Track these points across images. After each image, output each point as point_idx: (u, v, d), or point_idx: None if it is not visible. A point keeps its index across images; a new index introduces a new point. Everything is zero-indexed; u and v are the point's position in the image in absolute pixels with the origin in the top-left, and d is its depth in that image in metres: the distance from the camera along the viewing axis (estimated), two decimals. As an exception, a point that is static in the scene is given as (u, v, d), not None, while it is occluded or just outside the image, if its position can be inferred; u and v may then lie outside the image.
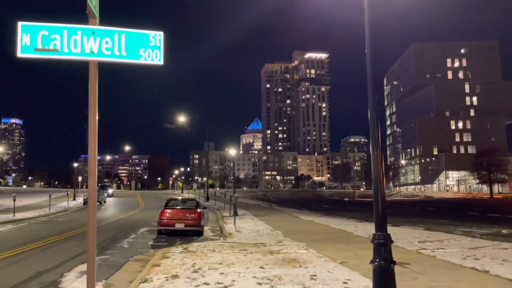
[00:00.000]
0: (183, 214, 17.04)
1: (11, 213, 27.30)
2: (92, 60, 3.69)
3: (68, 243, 14.87)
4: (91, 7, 3.61)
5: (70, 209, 35.97)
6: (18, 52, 3.43)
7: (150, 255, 11.72)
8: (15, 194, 28.98)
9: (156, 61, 3.77)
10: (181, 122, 51.90)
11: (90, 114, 3.77)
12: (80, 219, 26.56)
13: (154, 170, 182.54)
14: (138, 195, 62.91)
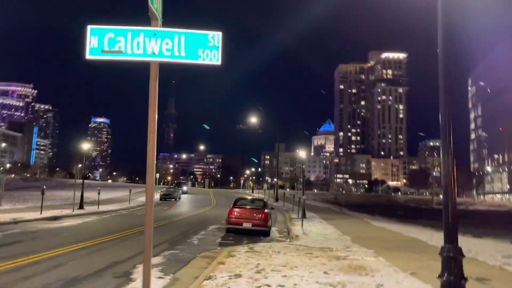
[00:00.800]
0: (250, 214, 17.25)
1: (96, 205, 29.64)
2: (153, 60, 3.86)
3: (143, 236, 15.72)
4: (153, 10, 3.78)
5: (148, 204, 38.12)
6: (87, 54, 3.71)
7: (217, 253, 12.00)
8: (100, 188, 31.39)
9: (214, 61, 3.84)
10: (253, 123, 52.56)
11: (149, 113, 3.94)
12: (156, 213, 27.93)
13: (227, 169, 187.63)
14: (211, 193, 64.96)
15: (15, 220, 18.86)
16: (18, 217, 19.84)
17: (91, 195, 36.16)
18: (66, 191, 48.59)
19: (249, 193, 73.01)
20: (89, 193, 38.83)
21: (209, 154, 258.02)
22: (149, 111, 3.97)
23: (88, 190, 42.07)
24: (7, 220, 18.54)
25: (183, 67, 3.53)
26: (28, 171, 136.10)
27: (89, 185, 73.43)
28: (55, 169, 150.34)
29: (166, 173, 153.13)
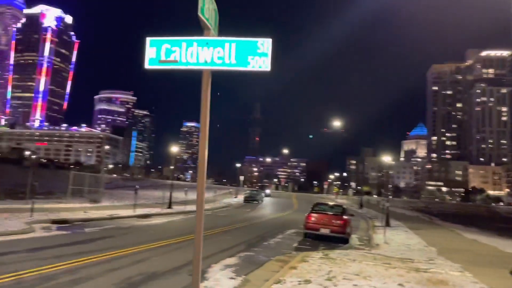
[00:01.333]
0: (328, 220, 16.95)
1: (183, 205, 31.32)
2: (205, 69, 4.02)
3: (223, 237, 16.26)
4: (204, 20, 3.93)
5: (232, 205, 39.29)
6: (146, 64, 3.99)
7: (291, 257, 11.99)
8: (187, 189, 33.11)
9: (263, 68, 3.88)
10: (338, 127, 51.49)
11: (201, 119, 4.09)
12: (238, 215, 28.82)
13: (311, 173, 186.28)
14: (293, 197, 64.98)
15: (112, 216, 20.67)
16: (114, 214, 21.71)
17: (180, 195, 38.17)
18: (158, 191, 51.91)
19: (332, 199, 71.72)
20: (178, 193, 41.11)
21: (293, 158, 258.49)
22: (201, 117, 4.13)
23: (178, 191, 44.59)
24: (105, 216, 20.39)
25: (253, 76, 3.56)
26: (127, 171, 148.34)
27: (180, 186, 77.76)
28: (150, 170, 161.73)
29: (251, 176, 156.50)
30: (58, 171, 77.18)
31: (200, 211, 4.17)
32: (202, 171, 4.07)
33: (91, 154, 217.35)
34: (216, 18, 4.35)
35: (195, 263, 4.08)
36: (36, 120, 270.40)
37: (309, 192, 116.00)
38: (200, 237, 4.14)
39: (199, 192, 4.04)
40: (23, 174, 26.60)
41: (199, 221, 4.16)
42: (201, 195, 4.07)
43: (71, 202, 25.88)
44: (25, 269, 8.12)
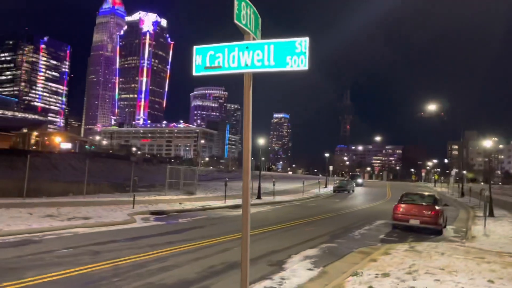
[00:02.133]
0: (418, 210, 16.13)
1: (272, 196, 32.04)
2: (246, 72, 4.16)
3: (307, 227, 16.38)
4: (241, 26, 4.07)
5: (321, 196, 39.13)
6: (194, 71, 4.27)
7: (374, 249, 11.70)
8: (274, 180, 33.71)
9: (301, 67, 3.93)
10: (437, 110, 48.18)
11: (245, 120, 4.24)
12: (326, 205, 28.66)
13: (407, 160, 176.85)
14: (387, 186, 62.46)
15: (204, 207, 21.98)
16: (206, 205, 23.05)
17: (270, 186, 39.04)
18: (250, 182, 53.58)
19: (431, 187, 67.45)
20: (268, 184, 42.09)
21: (388, 145, 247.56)
22: (244, 118, 4.29)
23: (267, 181, 45.65)
24: (197, 207, 21.76)
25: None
26: (222, 164, 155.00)
27: (271, 176, 79.33)
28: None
29: (343, 165, 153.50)
30: (160, 165, 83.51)
31: (246, 206, 4.36)
32: (247, 170, 4.25)
33: (189, 148, 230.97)
34: (257, 21, 4.47)
35: (243, 254, 4.27)
36: (140, 118, 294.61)
37: (405, 181, 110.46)
38: (247, 240, 4.28)
39: (244, 189, 4.22)
40: (130, 169, 29.37)
41: (245, 220, 4.34)
42: (246, 193, 4.25)
43: (168, 194, 27.98)
44: (122, 256, 9.11)
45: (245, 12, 4.08)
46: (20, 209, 15.52)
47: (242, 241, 4.42)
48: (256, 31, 4.39)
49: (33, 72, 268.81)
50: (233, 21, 3.85)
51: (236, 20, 3.92)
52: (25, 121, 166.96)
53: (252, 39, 4.23)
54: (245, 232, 4.36)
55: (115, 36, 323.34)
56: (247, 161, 4.19)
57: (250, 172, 4.28)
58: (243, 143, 4.24)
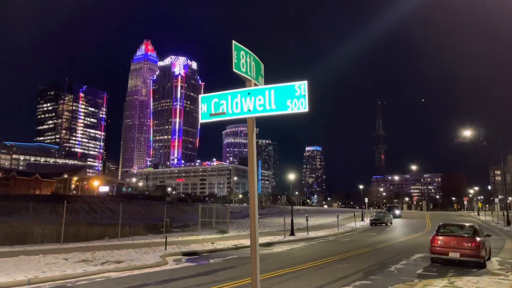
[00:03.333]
0: (457, 242, 15.36)
1: (306, 232, 31.42)
2: (249, 117, 4.27)
3: (341, 264, 15.89)
4: (241, 74, 4.22)
5: (357, 229, 38.03)
6: (200, 119, 4.43)
7: (411, 285, 11.17)
8: (307, 215, 33.16)
9: (301, 109, 4.01)
10: (474, 135, 46.67)
11: (249, 160, 4.30)
12: (362, 240, 27.79)
13: (448, 189, 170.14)
14: (427, 217, 60.04)
15: (236, 246, 21.80)
16: (239, 244, 22.85)
17: (304, 221, 38.43)
18: (283, 218, 53.05)
19: (474, 216, 64.39)
20: (300, 219, 41.46)
21: (426, 174, 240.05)
22: (249, 159, 4.36)
23: (300, 217, 44.95)
24: (230, 246, 21.61)
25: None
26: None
27: (305, 211, 78.14)
28: (277, 197, 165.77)
29: (379, 196, 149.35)
30: (194, 204, 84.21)
31: (254, 244, 4.30)
32: (253, 210, 4.25)
33: (222, 185, 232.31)
34: (259, 67, 4.62)
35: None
36: (174, 158, 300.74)
37: (446, 210, 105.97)
38: (256, 263, 4.23)
39: (252, 231, 4.20)
40: (165, 210, 29.79)
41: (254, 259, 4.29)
42: (254, 234, 4.21)
43: (201, 234, 28.01)
44: (151, 300, 9.11)
45: (245, 61, 4.24)
46: (56, 255, 15.93)
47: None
48: (258, 77, 4.53)
49: (73, 120, 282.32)
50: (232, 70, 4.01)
51: (235, 69, 4.08)
52: (65, 167, 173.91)
53: (254, 85, 4.36)
54: (254, 276, 4.31)
55: (148, 80, 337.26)
56: (253, 204, 4.22)
57: (257, 216, 4.28)
58: (248, 184, 4.28)
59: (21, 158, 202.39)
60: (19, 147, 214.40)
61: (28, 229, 22.86)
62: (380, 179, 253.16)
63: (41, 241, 21.53)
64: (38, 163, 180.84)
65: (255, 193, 4.14)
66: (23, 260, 14.43)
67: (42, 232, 22.37)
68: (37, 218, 36.66)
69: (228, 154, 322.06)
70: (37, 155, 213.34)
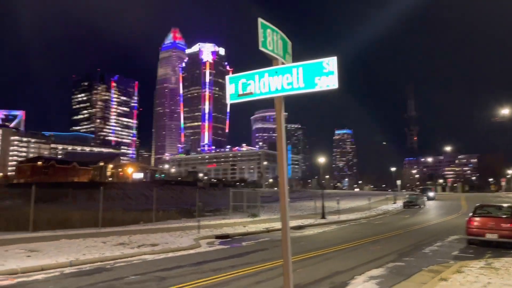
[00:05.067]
0: (495, 223, 14.93)
1: (338, 215, 31.31)
2: (277, 96, 4.23)
3: (373, 246, 15.78)
4: (268, 52, 4.18)
5: (389, 212, 37.55)
6: (228, 99, 4.44)
7: (445, 267, 10.98)
8: (339, 198, 32.97)
9: (331, 86, 3.93)
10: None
11: (278, 142, 4.27)
12: (394, 222, 27.45)
13: (484, 170, 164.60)
14: (462, 199, 58.47)
15: (268, 229, 22.00)
16: (270, 227, 23.05)
17: (335, 205, 38.23)
18: (313, 201, 52.95)
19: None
20: (331, 202, 41.26)
21: (461, 154, 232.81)
22: (277, 140, 4.33)
23: (331, 200, 44.76)
24: (261, 229, 21.84)
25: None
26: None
27: (336, 195, 77.63)
28: (307, 181, 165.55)
29: (412, 178, 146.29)
30: (225, 189, 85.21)
31: (285, 224, 4.32)
32: (283, 192, 4.25)
33: (252, 170, 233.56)
34: (286, 45, 4.56)
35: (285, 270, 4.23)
36: (205, 145, 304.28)
37: (483, 192, 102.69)
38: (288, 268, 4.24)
39: (282, 213, 4.20)
40: (197, 195, 30.33)
41: (285, 244, 4.32)
42: (285, 215, 4.20)
43: (233, 218, 28.38)
44: (186, 282, 9.37)
45: (272, 39, 4.20)
46: (95, 239, 16.57)
47: (283, 268, 4.39)
48: (285, 55, 4.48)
49: (106, 109, 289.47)
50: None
51: (261, 47, 4.05)
52: (101, 155, 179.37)
53: (281, 64, 4.32)
54: (286, 258, 4.34)
55: (177, 68, 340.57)
56: (283, 185, 4.22)
57: (287, 196, 4.29)
58: (277, 165, 4.28)
59: (59, 147, 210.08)
60: (57, 137, 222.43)
61: (68, 214, 23.80)
62: (412, 161, 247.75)
63: (80, 225, 22.39)
64: (75, 152, 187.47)
65: (284, 174, 4.14)
66: (65, 243, 15.09)
67: (81, 218, 23.25)
68: (76, 204, 38.12)
69: (257, 139, 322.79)
70: (74, 144, 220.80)
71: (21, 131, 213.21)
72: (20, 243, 14.68)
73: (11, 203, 33.49)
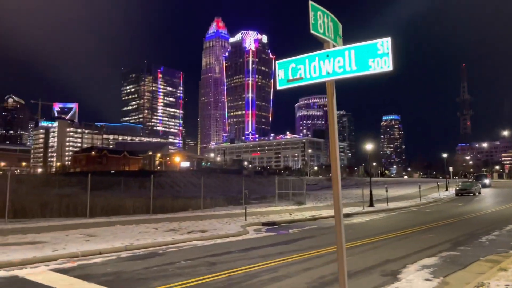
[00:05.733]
0: (560, 212, 13.98)
1: (386, 203, 30.58)
2: (328, 80, 4.10)
3: (425, 235, 15.28)
4: (319, 35, 4.04)
5: (441, 200, 36.21)
6: (277, 85, 4.35)
7: (505, 257, 10.45)
8: (387, 185, 32.17)
9: (385, 68, 3.75)
10: None
11: (330, 127, 4.16)
12: (446, 210, 26.44)
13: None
14: (522, 186, 55.30)
15: (314, 217, 21.91)
16: (316, 214, 22.94)
17: (383, 192, 37.36)
18: (360, 189, 52.04)
19: None
20: (379, 190, 40.33)
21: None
22: (329, 126, 4.22)
23: (379, 188, 43.74)
24: (307, 217, 21.77)
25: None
26: (331, 172, 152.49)
27: (384, 182, 75.84)
28: (353, 169, 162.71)
29: (465, 165, 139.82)
30: (270, 177, 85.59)
31: (338, 211, 4.22)
32: (336, 178, 4.15)
33: (297, 158, 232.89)
34: (337, 28, 4.41)
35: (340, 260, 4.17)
36: (249, 133, 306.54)
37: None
38: (342, 253, 4.17)
39: (335, 198, 4.11)
40: (242, 183, 30.73)
41: (339, 231, 4.23)
42: (338, 201, 4.11)
43: (279, 205, 28.50)
44: (236, 267, 9.53)
45: (322, 21, 4.08)
46: (147, 225, 17.23)
47: (337, 255, 4.33)
48: (336, 38, 4.35)
49: (154, 100, 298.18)
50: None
51: (312, 30, 3.95)
52: (149, 145, 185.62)
53: (332, 47, 4.20)
54: (340, 244, 4.27)
55: (221, 58, 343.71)
56: (336, 171, 4.13)
57: (340, 181, 4.20)
58: (330, 151, 4.19)
59: (111, 138, 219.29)
60: (108, 127, 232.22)
61: (121, 201, 24.91)
62: (465, 147, 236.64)
63: (133, 212, 23.38)
64: (125, 142, 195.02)
65: (337, 160, 4.06)
66: (119, 229, 15.81)
67: (133, 205, 24.26)
68: (128, 192, 39.78)
69: (301, 127, 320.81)
70: (124, 134, 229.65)
71: (75, 123, 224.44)
72: (79, 228, 15.55)
73: (70, 191, 35.48)
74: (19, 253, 10.20)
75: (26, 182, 39.49)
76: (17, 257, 9.68)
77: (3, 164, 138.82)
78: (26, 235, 13.68)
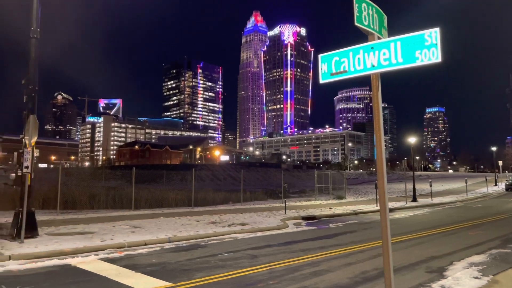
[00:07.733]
0: None
1: (430, 197, 29.66)
2: (373, 73, 3.99)
3: (472, 231, 14.73)
4: (364, 28, 3.94)
5: (489, 195, 34.68)
6: (320, 79, 4.29)
7: (561, 257, 9.89)
8: (431, 180, 31.17)
9: (433, 60, 3.60)
10: None
11: (375, 121, 4.05)
12: (496, 206, 25.31)
13: None
14: None
15: (355, 212, 21.62)
16: (357, 209, 22.62)
17: (427, 187, 36.18)
18: (403, 184, 50.70)
19: None
20: (423, 185, 39.17)
21: None
22: (374, 119, 4.11)
23: (422, 182, 42.45)
24: (348, 212, 21.51)
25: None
26: (373, 166, 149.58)
27: (428, 176, 73.45)
28: (395, 163, 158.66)
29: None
30: (309, 171, 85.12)
31: (384, 206, 4.13)
32: (381, 172, 4.06)
33: (336, 152, 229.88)
34: (382, 19, 4.29)
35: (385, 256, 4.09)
36: (287, 127, 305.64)
37: None
38: (388, 248, 4.08)
39: (381, 193, 4.01)
40: (281, 176, 30.75)
41: (384, 226, 4.15)
42: (384, 196, 4.01)
43: (318, 199, 28.31)
44: (277, 260, 9.59)
45: (367, 13, 3.99)
46: (189, 217, 17.63)
47: (383, 250, 4.26)
48: (381, 30, 4.25)
49: (194, 95, 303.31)
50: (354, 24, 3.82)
51: (357, 22, 3.87)
52: (190, 139, 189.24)
53: (377, 39, 4.11)
54: (385, 238, 4.20)
55: (259, 52, 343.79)
56: (381, 164, 4.05)
57: (386, 175, 4.12)
58: (375, 144, 4.12)
59: (153, 132, 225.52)
60: (150, 122, 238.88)
61: (164, 194, 25.61)
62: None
63: (175, 205, 23.99)
64: (167, 136, 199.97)
65: (382, 153, 3.98)
66: (162, 221, 16.28)
67: (175, 197, 24.88)
68: (170, 184, 40.82)
69: (340, 120, 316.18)
70: (166, 128, 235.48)
71: (119, 118, 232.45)
72: (124, 220, 16.16)
73: (115, 183, 36.87)
74: (70, 243, 10.74)
75: (75, 175, 41.42)
76: (69, 247, 10.20)
77: (54, 158, 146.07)
78: (76, 225, 14.38)
